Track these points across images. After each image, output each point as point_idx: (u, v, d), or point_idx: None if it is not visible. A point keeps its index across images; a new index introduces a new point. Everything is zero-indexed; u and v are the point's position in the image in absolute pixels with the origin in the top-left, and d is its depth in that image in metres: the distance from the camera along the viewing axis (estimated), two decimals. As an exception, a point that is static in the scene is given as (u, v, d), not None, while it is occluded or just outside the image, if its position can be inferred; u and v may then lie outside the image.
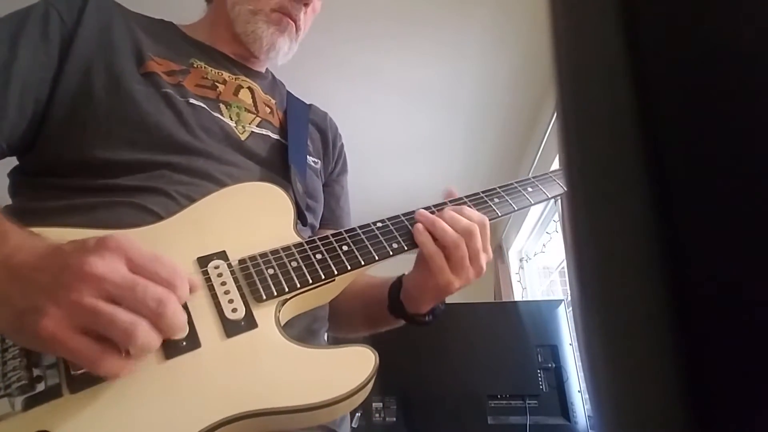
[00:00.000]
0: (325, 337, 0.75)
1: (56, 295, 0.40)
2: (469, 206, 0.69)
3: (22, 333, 0.42)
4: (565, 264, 2.68)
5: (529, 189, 0.76)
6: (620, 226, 0.17)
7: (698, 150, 0.15)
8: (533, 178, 0.78)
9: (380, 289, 0.76)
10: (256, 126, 0.76)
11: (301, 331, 0.64)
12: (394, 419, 1.58)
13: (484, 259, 0.66)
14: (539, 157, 2.51)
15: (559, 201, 2.47)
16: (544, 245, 2.97)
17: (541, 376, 1.59)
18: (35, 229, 0.49)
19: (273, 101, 0.83)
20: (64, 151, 0.62)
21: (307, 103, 0.91)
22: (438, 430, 1.58)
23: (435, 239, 0.64)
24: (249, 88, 0.80)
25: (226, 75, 0.78)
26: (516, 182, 0.76)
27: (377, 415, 1.59)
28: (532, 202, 0.74)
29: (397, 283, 0.74)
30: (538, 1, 1.81)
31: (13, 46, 0.62)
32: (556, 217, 2.64)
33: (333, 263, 0.60)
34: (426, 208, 0.69)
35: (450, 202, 0.70)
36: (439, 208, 0.69)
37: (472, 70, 2.26)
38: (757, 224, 0.14)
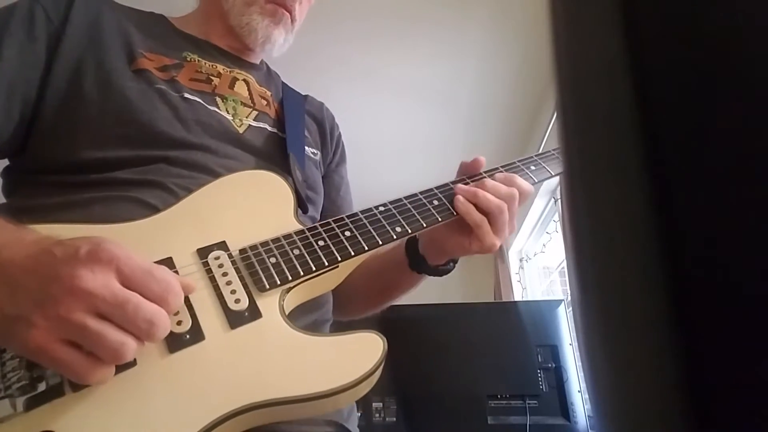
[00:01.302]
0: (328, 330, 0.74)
1: (44, 306, 0.39)
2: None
3: (10, 340, 0.41)
4: (565, 264, 2.67)
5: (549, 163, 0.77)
6: (620, 225, 0.17)
7: (698, 149, 0.15)
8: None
9: (391, 253, 0.76)
10: (253, 119, 0.74)
11: (308, 324, 0.63)
12: (394, 419, 1.58)
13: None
14: (539, 157, 2.51)
15: (560, 201, 2.47)
16: (544, 245, 2.97)
17: (541, 376, 1.59)
18: (44, 227, 0.48)
19: (269, 93, 0.82)
20: (56, 152, 0.61)
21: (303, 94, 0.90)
22: (438, 430, 1.57)
23: (478, 207, 0.66)
24: (244, 80, 0.78)
25: (220, 68, 0.76)
26: (485, 172, 0.76)
27: (377, 415, 1.59)
28: (553, 174, 0.75)
29: (413, 241, 0.74)
30: (538, 1, 1.81)
31: None
32: (556, 217, 2.64)
33: (336, 249, 0.59)
34: (460, 181, 0.71)
35: (485, 172, 0.72)
36: (474, 179, 0.71)
37: (472, 70, 2.26)
38: (757, 223, 0.14)
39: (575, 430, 1.51)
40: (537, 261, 3.20)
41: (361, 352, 0.51)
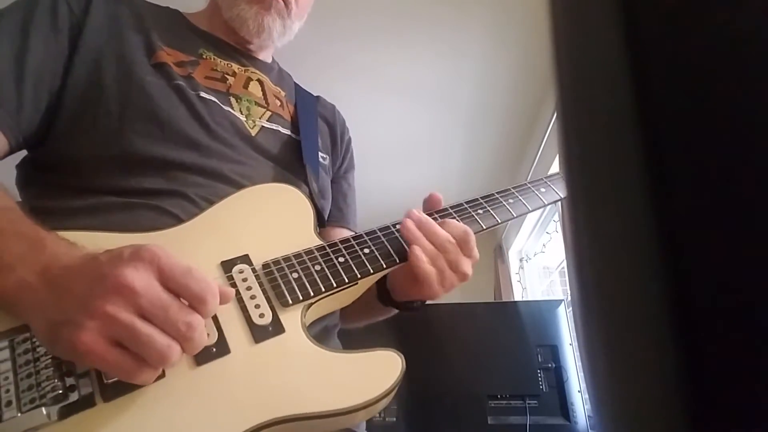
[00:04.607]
0: (336, 337, 0.74)
1: (91, 306, 0.40)
2: (454, 217, 0.68)
3: (57, 344, 0.42)
4: (565, 264, 2.68)
5: (510, 200, 0.73)
6: (620, 225, 0.17)
7: (698, 150, 0.15)
8: (513, 188, 0.76)
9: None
10: (267, 120, 0.75)
11: (319, 331, 0.64)
12: (394, 419, 1.59)
13: (467, 265, 0.64)
14: (539, 158, 2.51)
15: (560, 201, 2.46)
16: (544, 245, 2.97)
17: (541, 376, 1.59)
18: (66, 234, 0.49)
19: (282, 93, 0.82)
20: (76, 144, 0.62)
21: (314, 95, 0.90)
22: (438, 430, 1.58)
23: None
24: (258, 80, 0.79)
25: (235, 67, 0.77)
26: (497, 192, 0.74)
27: (377, 415, 1.59)
28: (514, 215, 0.72)
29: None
30: (539, 1, 1.81)
31: (24, 37, 0.61)
32: (556, 217, 2.64)
33: (355, 266, 0.60)
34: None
35: (436, 212, 0.69)
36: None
37: (472, 69, 2.26)
38: (756, 224, 0.14)
39: (575, 430, 1.51)
40: (537, 261, 3.19)
41: (381, 371, 0.53)
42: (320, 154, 0.81)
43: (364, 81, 2.32)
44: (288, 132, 0.77)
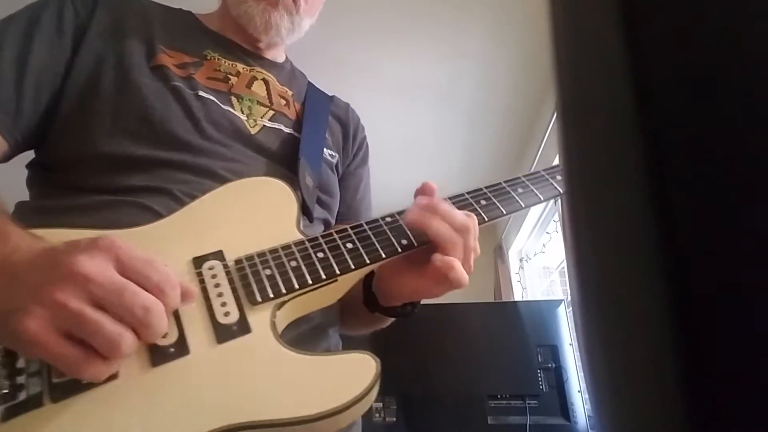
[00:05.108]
0: (337, 336, 0.71)
1: (40, 293, 0.39)
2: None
3: (5, 333, 0.40)
4: (565, 264, 2.68)
5: (519, 190, 0.67)
6: (620, 225, 0.17)
7: (698, 150, 0.15)
8: (524, 177, 0.69)
9: (359, 283, 0.66)
10: (269, 120, 0.74)
11: (308, 329, 0.61)
12: (394, 419, 1.59)
13: (473, 257, 0.60)
14: (539, 157, 2.51)
15: (559, 200, 2.47)
16: (544, 245, 2.97)
17: (541, 376, 1.60)
18: (39, 231, 0.48)
19: (289, 93, 0.81)
20: (71, 144, 0.62)
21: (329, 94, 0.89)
22: (438, 430, 1.58)
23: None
24: (264, 79, 0.78)
25: (240, 67, 0.76)
26: (505, 182, 0.68)
27: (377, 415, 1.59)
28: (523, 206, 0.66)
29: (370, 275, 0.66)
30: (539, 1, 1.81)
31: (29, 40, 0.61)
32: (556, 217, 2.64)
33: (335, 262, 0.56)
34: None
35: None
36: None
37: (472, 69, 2.26)
38: (756, 224, 0.14)
39: (575, 430, 1.51)
40: (537, 261, 3.20)
41: (353, 375, 0.49)
42: (328, 151, 0.79)
43: (365, 81, 2.32)
44: (290, 131, 0.76)
